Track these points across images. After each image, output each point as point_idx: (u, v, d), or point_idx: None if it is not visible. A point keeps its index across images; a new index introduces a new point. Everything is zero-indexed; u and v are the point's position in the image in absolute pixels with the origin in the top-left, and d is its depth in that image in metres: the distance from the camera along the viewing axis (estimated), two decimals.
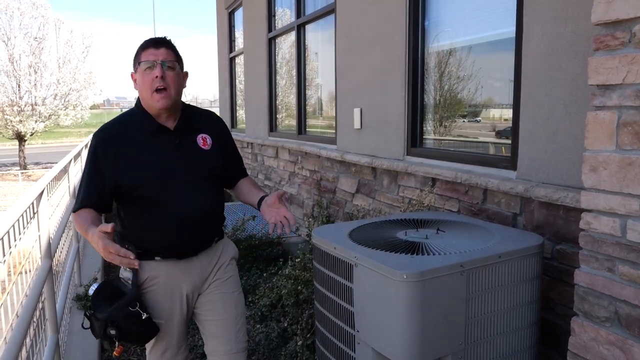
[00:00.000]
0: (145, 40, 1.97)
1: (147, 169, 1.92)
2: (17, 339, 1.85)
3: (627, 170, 1.57)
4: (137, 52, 1.95)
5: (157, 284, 2.00)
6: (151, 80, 1.88)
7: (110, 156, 1.90)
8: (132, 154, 1.92)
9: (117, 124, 2.00)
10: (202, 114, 2.17)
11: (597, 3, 1.63)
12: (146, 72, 1.89)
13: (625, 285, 1.60)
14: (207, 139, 2.06)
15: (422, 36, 3.44)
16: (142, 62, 1.89)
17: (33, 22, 18.57)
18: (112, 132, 1.96)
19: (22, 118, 18.29)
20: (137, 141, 1.94)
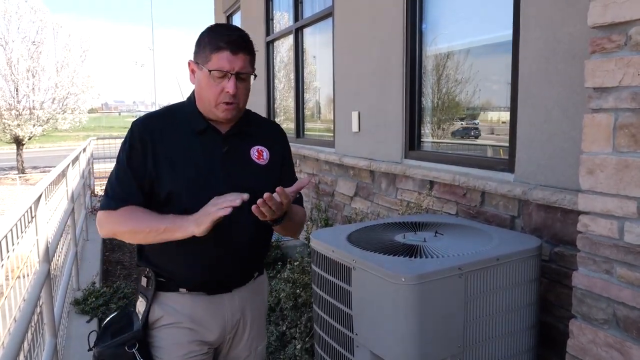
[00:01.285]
0: (222, 35, 1.55)
1: (186, 174, 1.58)
2: (15, 344, 1.85)
3: (624, 173, 1.58)
4: (206, 45, 1.55)
5: (175, 323, 1.62)
6: (219, 92, 1.55)
7: (149, 152, 1.57)
8: (171, 154, 1.58)
9: (162, 117, 1.65)
10: (263, 122, 1.82)
11: (593, 6, 1.63)
12: (216, 80, 1.55)
13: (623, 287, 1.61)
14: (263, 153, 1.70)
15: (419, 39, 3.45)
16: (214, 70, 1.53)
17: (31, 26, 18.57)
18: (155, 124, 1.61)
19: (20, 122, 18.26)
20: (179, 139, 1.60)
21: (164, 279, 1.62)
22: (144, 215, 1.55)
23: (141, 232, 1.54)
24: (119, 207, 1.56)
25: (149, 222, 1.53)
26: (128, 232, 1.57)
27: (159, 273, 1.62)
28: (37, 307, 2.44)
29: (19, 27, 18.64)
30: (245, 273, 1.72)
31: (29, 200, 2.53)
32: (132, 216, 1.55)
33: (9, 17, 18.45)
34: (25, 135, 18.85)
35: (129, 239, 1.60)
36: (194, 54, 1.60)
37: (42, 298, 2.52)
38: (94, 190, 9.62)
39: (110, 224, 1.58)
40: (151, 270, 1.63)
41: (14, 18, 18.58)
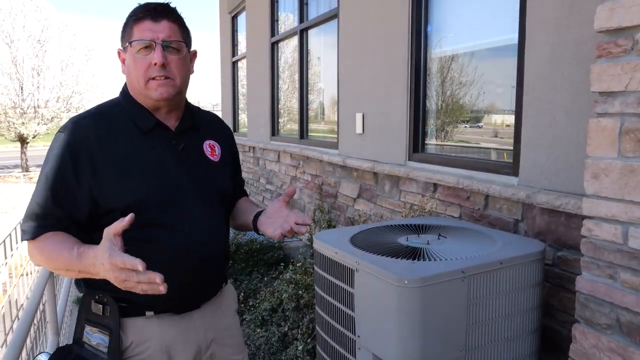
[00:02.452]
0: (139, 7, 1.40)
1: (141, 183, 1.37)
2: (18, 341, 1.85)
3: (629, 178, 1.57)
4: (127, 23, 1.40)
5: (146, 351, 1.41)
6: (147, 67, 1.37)
7: (85, 162, 1.33)
8: (118, 161, 1.36)
9: (96, 116, 1.41)
10: (207, 116, 1.66)
11: (599, 10, 1.63)
12: (140, 53, 1.37)
13: (627, 292, 1.60)
14: (215, 148, 1.56)
15: (424, 42, 3.45)
16: (135, 42, 1.36)
17: (36, 25, 18.65)
18: (89, 126, 1.37)
19: (24, 120, 18.34)
20: (126, 142, 1.39)
21: (125, 303, 1.37)
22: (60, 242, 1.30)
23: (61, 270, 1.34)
24: (35, 236, 1.33)
25: (56, 254, 1.29)
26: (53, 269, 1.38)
27: (118, 297, 1.35)
28: (40, 305, 2.44)
29: (25, 25, 18.72)
30: (214, 284, 1.55)
31: None
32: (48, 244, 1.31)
33: (15, 15, 18.53)
34: (30, 134, 18.92)
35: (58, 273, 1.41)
36: (120, 41, 1.44)
37: (45, 296, 2.52)
38: None
39: (34, 256, 1.35)
40: (107, 295, 1.37)
41: (19, 17, 18.67)
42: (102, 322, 1.39)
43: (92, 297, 1.41)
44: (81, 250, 1.26)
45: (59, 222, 1.33)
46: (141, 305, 1.39)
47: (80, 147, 1.34)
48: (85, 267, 1.24)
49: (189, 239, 1.40)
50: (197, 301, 1.49)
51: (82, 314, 1.45)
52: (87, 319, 1.43)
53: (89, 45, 20.45)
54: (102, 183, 1.33)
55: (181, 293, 1.40)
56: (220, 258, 1.55)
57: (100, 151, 1.35)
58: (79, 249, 1.26)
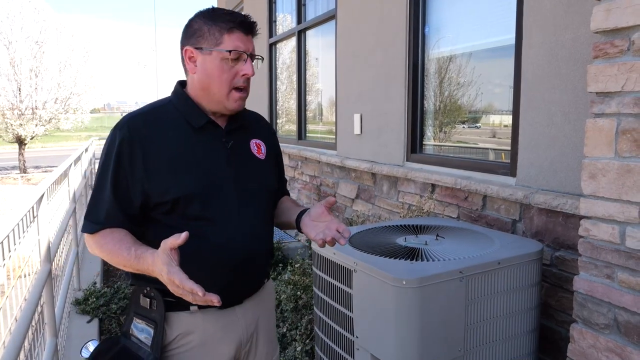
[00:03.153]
0: (229, 15, 1.43)
1: (191, 178, 1.41)
2: (16, 343, 1.85)
3: (626, 178, 1.58)
4: (212, 27, 1.41)
5: (189, 344, 1.45)
6: (233, 76, 1.42)
7: (138, 156, 1.38)
8: (169, 156, 1.41)
9: (148, 114, 1.45)
10: (253, 115, 1.68)
11: (596, 11, 1.64)
12: (227, 62, 1.41)
13: (625, 292, 1.61)
14: (261, 147, 1.59)
15: (422, 42, 3.45)
16: (229, 51, 1.40)
17: (34, 26, 18.63)
18: (142, 123, 1.42)
19: (22, 122, 18.31)
20: (176, 138, 1.43)
21: (173, 298, 1.36)
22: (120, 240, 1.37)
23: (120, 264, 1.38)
24: (95, 231, 1.40)
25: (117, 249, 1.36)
26: (111, 262, 1.40)
27: (165, 291, 1.35)
28: (38, 307, 2.44)
29: (23, 27, 18.70)
30: (257, 279, 1.58)
31: (30, 200, 2.53)
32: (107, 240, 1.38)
33: (13, 16, 18.51)
34: (28, 135, 18.89)
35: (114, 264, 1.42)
36: (193, 40, 1.43)
37: (43, 298, 2.52)
38: None
39: (94, 248, 1.43)
40: (154, 289, 1.41)
41: (17, 18, 18.64)
42: (148, 316, 1.44)
43: (140, 291, 1.46)
44: (139, 252, 1.32)
45: (116, 217, 1.39)
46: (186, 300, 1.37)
47: (134, 142, 1.38)
48: (142, 269, 1.32)
49: (235, 234, 1.44)
50: (240, 296, 1.53)
51: (131, 307, 1.50)
52: (136, 311, 1.47)
53: (87, 46, 20.44)
54: (153, 177, 1.38)
55: (225, 288, 1.40)
56: (264, 254, 1.57)
57: (153, 147, 1.40)
58: (137, 251, 1.33)
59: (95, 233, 1.39)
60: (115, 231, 1.39)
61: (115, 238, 1.38)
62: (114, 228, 1.39)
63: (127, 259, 1.34)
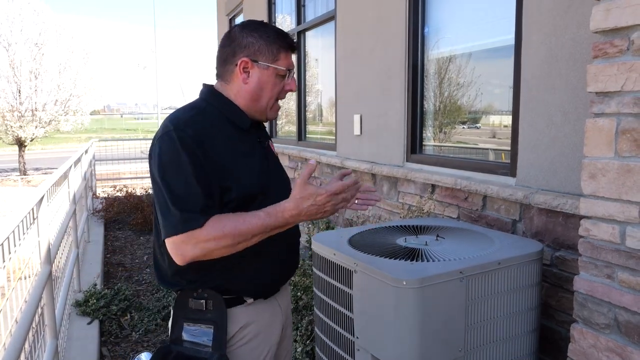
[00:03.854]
0: (286, 37, 1.57)
1: (255, 173, 1.51)
2: (17, 345, 1.85)
3: (626, 177, 1.58)
4: (271, 44, 1.53)
5: (247, 336, 1.54)
6: (279, 90, 1.57)
7: (208, 154, 1.42)
8: (230, 154, 1.47)
9: (199, 116, 1.49)
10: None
11: (595, 11, 1.64)
12: (278, 78, 1.55)
13: (625, 292, 1.60)
14: (273, 145, 1.75)
15: (422, 43, 3.45)
16: (289, 70, 1.56)
17: (34, 28, 18.63)
18: (199, 124, 1.46)
19: (22, 123, 18.31)
20: (231, 138, 1.51)
21: (229, 294, 1.47)
22: (236, 219, 1.39)
23: (244, 240, 1.39)
24: (203, 223, 1.37)
25: (249, 225, 1.38)
26: (226, 246, 1.38)
27: (223, 289, 1.46)
28: (39, 309, 2.44)
29: (22, 29, 18.71)
30: (295, 267, 1.72)
31: (31, 202, 2.53)
32: (225, 225, 1.37)
33: (12, 18, 18.52)
34: (28, 137, 18.89)
35: (226, 252, 1.41)
36: (250, 52, 1.52)
37: (43, 299, 2.52)
38: (95, 192, 9.64)
39: (200, 243, 1.36)
40: (207, 289, 1.46)
41: (16, 20, 18.65)
42: (203, 318, 1.48)
43: (188, 296, 1.48)
44: (270, 209, 1.40)
45: (212, 207, 1.40)
46: (240, 293, 1.51)
47: (201, 139, 1.42)
48: (276, 220, 1.39)
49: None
50: (282, 284, 1.66)
51: (178, 314, 1.51)
52: (186, 316, 1.50)
53: (87, 48, 20.45)
54: (224, 173, 1.43)
55: (283, 276, 1.61)
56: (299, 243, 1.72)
57: (215, 144, 1.44)
58: (267, 210, 1.40)
59: (202, 225, 1.36)
60: (219, 216, 1.39)
61: (227, 217, 1.39)
62: (215, 216, 1.39)
63: (257, 224, 1.38)
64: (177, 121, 1.45)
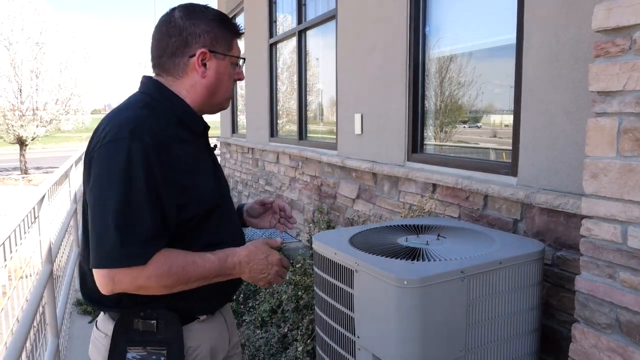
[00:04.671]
0: (233, 22, 1.46)
1: (212, 184, 1.38)
2: (18, 344, 1.85)
3: (628, 177, 1.57)
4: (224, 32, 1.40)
5: (202, 353, 1.41)
6: (234, 80, 1.46)
7: (166, 167, 1.24)
8: (189, 164, 1.31)
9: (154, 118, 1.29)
10: None
11: (597, 10, 1.63)
12: (232, 68, 1.44)
13: (626, 292, 1.60)
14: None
15: (423, 42, 3.45)
16: (243, 58, 1.47)
17: (35, 27, 18.64)
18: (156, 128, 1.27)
19: (23, 123, 18.33)
20: (188, 144, 1.35)
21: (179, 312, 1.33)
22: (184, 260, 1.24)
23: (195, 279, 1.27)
24: (148, 259, 1.19)
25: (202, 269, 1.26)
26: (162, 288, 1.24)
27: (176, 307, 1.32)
28: (40, 308, 2.44)
29: (23, 28, 18.73)
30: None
31: (32, 201, 2.53)
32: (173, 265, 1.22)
33: (13, 18, 18.54)
34: (29, 136, 18.91)
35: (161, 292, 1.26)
36: (208, 42, 1.36)
37: (44, 298, 2.52)
38: None
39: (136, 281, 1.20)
40: (157, 309, 1.31)
41: (17, 19, 18.68)
42: (154, 339, 1.31)
43: (134, 316, 1.31)
44: (219, 254, 1.30)
45: (162, 237, 1.22)
46: (191, 310, 1.38)
47: (160, 149, 1.24)
48: (226, 269, 1.31)
49: (232, 236, 1.44)
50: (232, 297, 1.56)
51: (119, 338, 1.32)
52: (129, 340, 1.31)
53: (88, 47, 20.46)
54: (181, 188, 1.26)
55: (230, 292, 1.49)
56: None
57: (173, 153, 1.26)
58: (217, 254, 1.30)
59: (147, 261, 1.18)
60: (168, 250, 1.23)
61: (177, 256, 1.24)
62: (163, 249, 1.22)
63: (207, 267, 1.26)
64: (133, 125, 1.23)
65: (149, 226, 1.19)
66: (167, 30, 1.36)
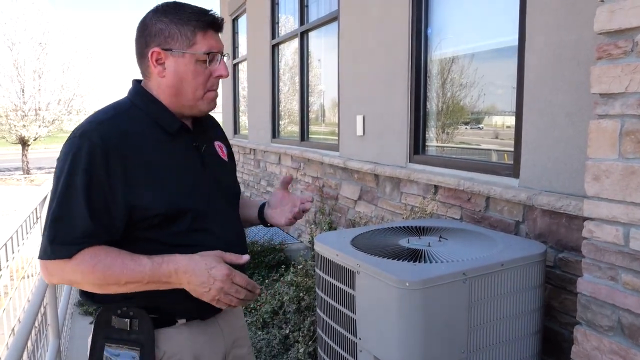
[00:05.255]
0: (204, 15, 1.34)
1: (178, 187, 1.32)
2: (19, 344, 1.85)
3: (630, 179, 1.57)
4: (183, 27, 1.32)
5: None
6: (207, 78, 1.35)
7: (116, 165, 1.24)
8: (149, 164, 1.29)
9: (117, 119, 1.31)
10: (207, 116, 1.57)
11: (599, 12, 1.63)
12: (201, 64, 1.33)
13: (629, 294, 1.60)
14: (223, 148, 1.55)
15: (425, 43, 3.45)
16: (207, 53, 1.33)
17: (37, 27, 18.69)
18: (114, 127, 1.28)
19: (25, 123, 18.37)
20: (153, 145, 1.32)
21: (155, 313, 1.30)
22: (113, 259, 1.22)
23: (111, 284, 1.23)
24: (73, 253, 1.20)
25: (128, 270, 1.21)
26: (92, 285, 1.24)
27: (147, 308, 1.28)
28: (41, 308, 2.44)
29: (26, 28, 18.78)
30: None
31: (34, 201, 2.54)
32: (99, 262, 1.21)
33: (16, 18, 18.60)
34: (31, 136, 18.95)
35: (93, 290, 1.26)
36: (160, 40, 1.32)
37: (46, 299, 2.52)
38: None
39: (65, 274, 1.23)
40: (132, 307, 1.29)
41: (20, 19, 18.73)
42: (128, 338, 1.29)
43: (112, 312, 1.31)
44: (157, 259, 1.23)
45: (97, 235, 1.22)
46: (171, 313, 1.34)
47: (109, 149, 1.24)
48: (161, 276, 1.22)
49: (222, 241, 1.36)
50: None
51: (98, 333, 1.33)
52: (107, 336, 1.31)
53: (90, 47, 20.50)
54: (137, 189, 1.25)
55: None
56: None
57: (130, 154, 1.26)
58: (154, 258, 1.23)
59: (73, 256, 1.20)
60: (100, 248, 1.23)
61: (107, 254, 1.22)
62: (95, 246, 1.22)
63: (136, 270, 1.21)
64: (89, 125, 1.28)
65: (82, 223, 1.20)
66: (136, 32, 1.37)
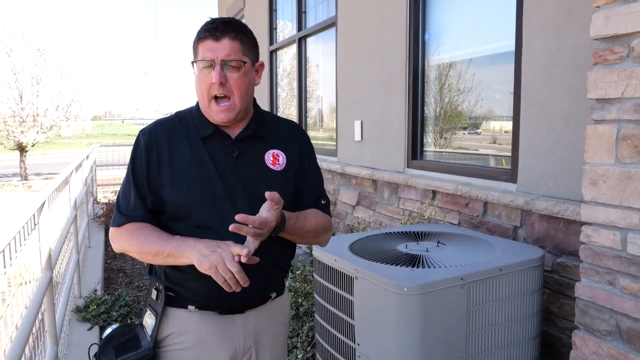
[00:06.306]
0: (205, 25, 1.45)
1: (191, 184, 1.45)
2: (17, 351, 1.84)
3: (627, 184, 1.58)
4: (194, 41, 1.48)
5: (183, 343, 1.49)
6: (209, 85, 1.42)
7: (154, 161, 1.46)
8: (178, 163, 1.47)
9: (169, 123, 1.53)
10: (282, 123, 1.66)
11: (595, 18, 1.64)
12: (203, 72, 1.43)
13: (627, 298, 1.60)
14: (279, 157, 1.54)
15: (422, 49, 3.46)
16: (198, 61, 1.43)
17: (36, 34, 18.69)
18: (162, 129, 1.51)
19: (23, 129, 18.34)
20: (188, 147, 1.48)
21: (173, 293, 1.49)
22: (150, 234, 1.44)
23: (147, 253, 1.44)
24: (122, 224, 1.47)
25: (154, 243, 1.42)
26: (135, 252, 1.47)
27: (168, 287, 1.49)
28: (39, 315, 2.44)
29: (24, 34, 18.78)
30: (260, 293, 1.53)
31: (32, 207, 2.53)
32: (137, 235, 1.45)
33: (14, 24, 18.61)
34: (29, 142, 18.92)
35: (140, 259, 1.49)
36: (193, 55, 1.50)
37: (44, 305, 2.51)
38: (96, 198, 9.64)
39: (119, 241, 1.50)
40: (161, 284, 1.50)
41: (19, 25, 18.74)
42: (154, 307, 1.53)
43: (153, 285, 1.54)
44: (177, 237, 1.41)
45: (140, 210, 1.47)
46: (186, 298, 1.49)
47: (151, 148, 1.48)
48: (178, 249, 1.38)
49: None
50: (241, 306, 1.52)
51: (147, 299, 1.59)
52: (149, 303, 1.56)
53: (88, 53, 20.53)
54: (164, 183, 1.46)
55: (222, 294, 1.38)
56: (270, 267, 1.50)
57: (167, 153, 1.48)
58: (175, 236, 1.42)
59: (120, 226, 1.47)
60: (143, 224, 1.47)
61: (147, 228, 1.46)
62: (141, 223, 1.47)
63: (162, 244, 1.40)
64: (148, 126, 1.56)
65: (132, 201, 1.48)
66: None
